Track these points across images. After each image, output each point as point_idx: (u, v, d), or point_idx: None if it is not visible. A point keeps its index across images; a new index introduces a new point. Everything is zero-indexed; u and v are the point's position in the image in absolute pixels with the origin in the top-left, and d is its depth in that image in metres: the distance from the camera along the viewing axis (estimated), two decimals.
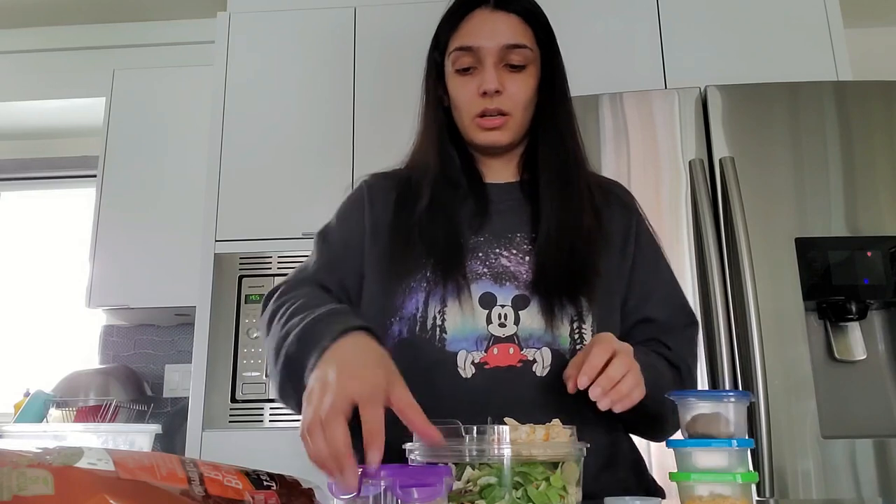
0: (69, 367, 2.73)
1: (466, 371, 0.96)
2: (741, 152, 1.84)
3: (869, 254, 1.75)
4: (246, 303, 2.24)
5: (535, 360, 0.97)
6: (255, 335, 2.21)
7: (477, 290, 0.99)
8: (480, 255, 1.02)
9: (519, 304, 0.99)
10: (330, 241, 1.10)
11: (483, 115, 1.04)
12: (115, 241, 2.61)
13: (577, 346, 0.98)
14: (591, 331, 0.99)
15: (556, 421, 0.70)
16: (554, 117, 1.08)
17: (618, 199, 1.12)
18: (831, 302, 1.76)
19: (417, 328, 0.99)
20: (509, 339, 0.97)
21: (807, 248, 1.76)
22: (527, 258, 1.02)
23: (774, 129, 1.86)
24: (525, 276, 1.01)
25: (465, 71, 1.05)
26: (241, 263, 2.28)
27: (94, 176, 2.75)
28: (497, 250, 1.03)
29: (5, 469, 0.49)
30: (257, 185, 2.35)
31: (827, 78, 2.18)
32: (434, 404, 0.94)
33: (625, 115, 1.92)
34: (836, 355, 1.77)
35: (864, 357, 1.77)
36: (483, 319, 0.98)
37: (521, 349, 0.97)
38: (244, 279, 2.26)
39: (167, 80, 2.76)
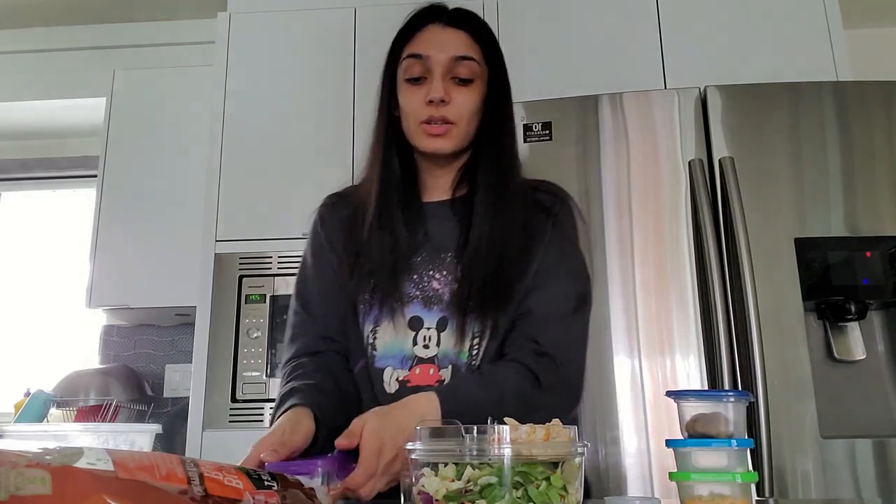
0: (69, 367, 2.73)
1: (391, 386, 1.06)
2: (741, 152, 1.83)
3: (868, 254, 1.75)
4: (246, 303, 2.24)
5: (444, 379, 1.04)
6: (255, 335, 2.21)
7: (408, 313, 1.08)
8: (415, 277, 1.10)
9: (441, 326, 1.07)
10: (309, 304, 1.16)
11: (429, 121, 1.09)
12: (115, 241, 2.61)
13: (474, 362, 1.04)
14: (487, 345, 1.04)
15: (556, 420, 0.70)
16: (495, 134, 1.13)
17: (539, 204, 1.14)
18: (831, 302, 1.75)
19: (360, 344, 1.09)
20: (430, 361, 1.06)
21: (806, 249, 1.76)
22: (450, 278, 1.09)
23: (774, 129, 1.86)
24: (447, 297, 1.07)
25: (415, 81, 1.11)
26: (241, 263, 2.28)
27: (94, 176, 2.75)
28: (430, 272, 1.10)
29: (3, 469, 0.49)
30: (257, 185, 2.35)
31: (827, 78, 2.18)
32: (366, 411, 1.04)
33: (625, 115, 1.92)
34: (836, 355, 1.77)
35: (864, 357, 1.77)
36: (410, 341, 1.06)
37: (440, 369, 1.05)
38: (244, 279, 2.26)
39: (167, 80, 2.76)
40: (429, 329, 1.07)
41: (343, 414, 1.04)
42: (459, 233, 1.10)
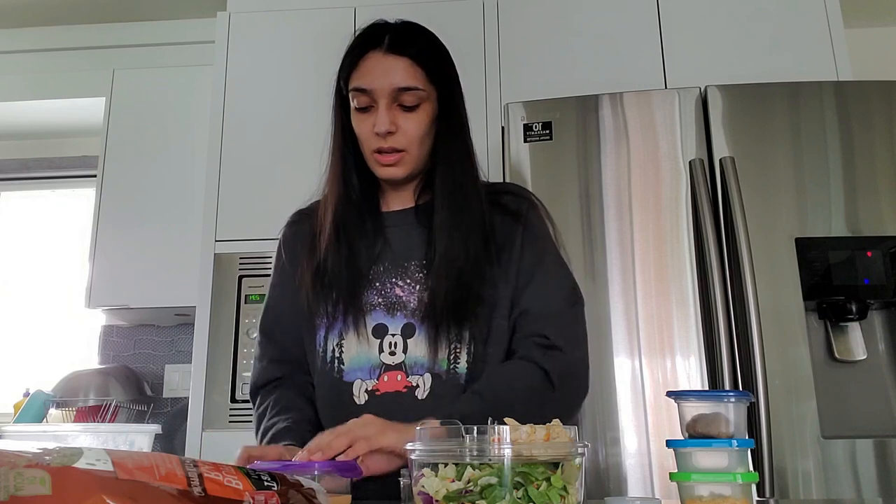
0: (69, 367, 2.73)
1: (360, 399, 1.06)
2: (741, 152, 1.83)
3: (869, 254, 1.75)
4: (246, 303, 2.23)
5: (417, 386, 1.05)
6: (255, 335, 2.20)
7: (371, 321, 1.08)
8: (377, 284, 1.10)
9: (407, 332, 1.07)
10: (276, 326, 1.19)
11: (379, 151, 1.09)
12: (115, 241, 2.61)
13: (453, 367, 1.04)
14: (467, 351, 1.05)
15: (556, 421, 0.70)
16: (449, 148, 1.13)
17: (506, 209, 1.15)
18: (831, 302, 1.75)
19: (320, 361, 1.10)
20: (398, 367, 1.06)
21: (807, 248, 1.76)
22: (417, 287, 1.09)
23: (774, 129, 1.86)
24: (413, 304, 1.08)
25: (363, 109, 1.10)
26: (241, 263, 2.27)
27: (94, 176, 2.75)
28: (393, 280, 1.11)
29: (3, 469, 0.49)
30: (257, 185, 2.35)
31: (827, 78, 2.18)
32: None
33: (625, 115, 1.92)
34: (837, 355, 1.77)
35: (865, 357, 1.77)
36: (376, 349, 1.07)
37: (408, 376, 1.06)
38: (244, 279, 2.26)
39: (167, 80, 2.76)
40: (394, 335, 1.08)
41: None
42: (424, 240, 1.11)
